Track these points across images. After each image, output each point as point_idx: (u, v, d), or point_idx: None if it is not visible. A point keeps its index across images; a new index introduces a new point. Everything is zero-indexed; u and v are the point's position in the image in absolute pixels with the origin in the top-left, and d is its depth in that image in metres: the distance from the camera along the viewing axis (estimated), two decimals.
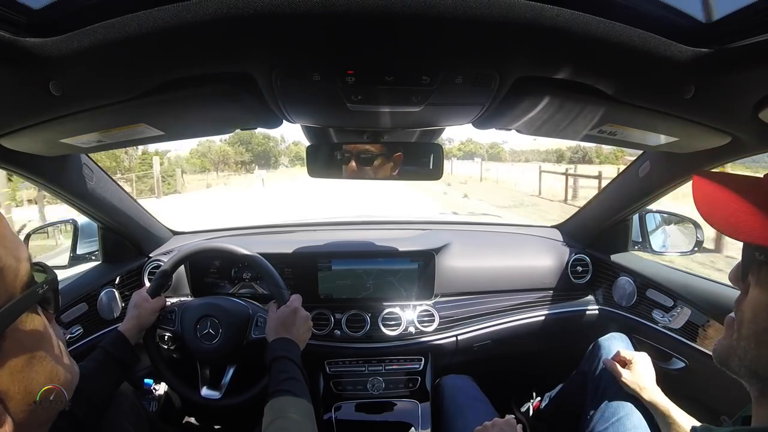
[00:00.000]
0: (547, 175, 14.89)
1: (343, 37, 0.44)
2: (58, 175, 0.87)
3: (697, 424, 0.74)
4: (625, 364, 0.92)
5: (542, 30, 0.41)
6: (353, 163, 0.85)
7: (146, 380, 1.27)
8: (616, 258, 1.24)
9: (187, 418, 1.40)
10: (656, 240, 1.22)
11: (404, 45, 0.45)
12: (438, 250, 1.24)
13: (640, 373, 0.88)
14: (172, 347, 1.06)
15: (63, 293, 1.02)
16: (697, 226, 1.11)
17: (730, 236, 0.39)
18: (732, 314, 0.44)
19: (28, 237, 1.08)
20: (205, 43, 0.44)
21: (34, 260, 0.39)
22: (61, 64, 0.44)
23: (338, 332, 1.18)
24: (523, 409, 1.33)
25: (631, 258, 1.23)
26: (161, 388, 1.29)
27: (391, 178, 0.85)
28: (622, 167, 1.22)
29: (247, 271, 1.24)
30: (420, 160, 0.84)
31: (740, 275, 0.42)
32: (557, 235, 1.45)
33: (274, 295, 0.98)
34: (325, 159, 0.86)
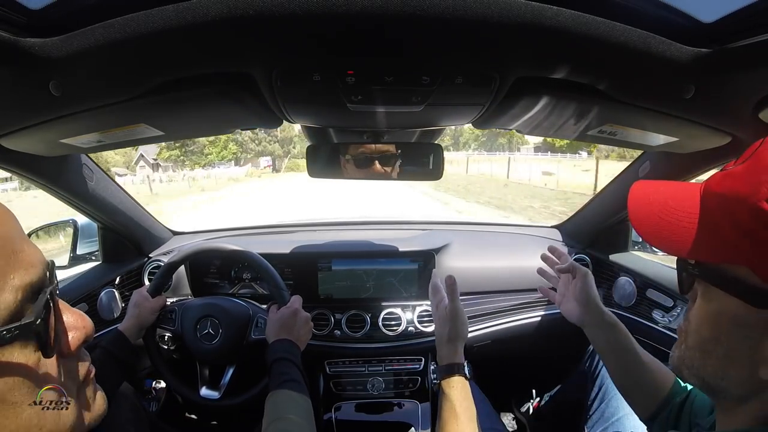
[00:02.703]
0: None
1: (343, 37, 0.43)
2: (58, 175, 0.87)
3: None
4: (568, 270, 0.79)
5: (542, 30, 0.41)
6: (353, 164, 0.85)
7: (147, 380, 1.28)
8: (615, 258, 1.24)
9: (188, 416, 1.40)
10: None
11: (404, 45, 0.45)
12: (438, 250, 1.24)
13: (590, 283, 0.74)
14: (172, 347, 1.06)
15: (63, 293, 1.02)
16: None
17: (661, 250, 0.38)
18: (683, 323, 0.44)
19: (28, 237, 1.08)
20: (205, 43, 0.44)
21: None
22: (61, 64, 0.44)
23: (338, 332, 1.18)
24: (523, 409, 1.33)
25: (631, 258, 1.23)
26: (162, 388, 1.29)
27: (390, 178, 0.85)
28: None
29: (247, 272, 1.24)
30: (420, 161, 0.84)
31: (683, 287, 0.41)
32: (557, 235, 1.45)
33: (274, 296, 0.98)
34: (325, 159, 0.86)
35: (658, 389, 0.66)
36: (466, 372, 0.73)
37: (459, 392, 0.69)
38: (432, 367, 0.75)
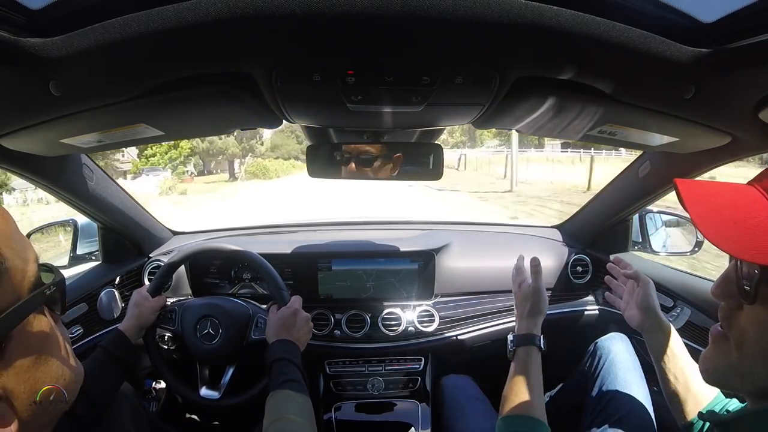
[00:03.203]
0: None
1: (343, 37, 0.43)
2: (58, 175, 0.87)
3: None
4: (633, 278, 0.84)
5: (542, 30, 0.41)
6: (353, 164, 0.85)
7: (147, 380, 1.28)
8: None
9: (188, 416, 1.40)
10: (656, 240, 1.22)
11: (404, 45, 0.45)
12: (438, 250, 1.24)
13: (650, 292, 0.80)
14: (172, 347, 1.06)
15: None
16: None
17: (744, 259, 0.35)
18: (719, 327, 0.42)
19: (28, 236, 1.08)
20: (205, 43, 0.44)
21: (41, 261, 0.39)
22: (61, 64, 0.44)
23: (338, 332, 1.18)
24: None
25: (631, 258, 1.23)
26: (162, 388, 1.29)
27: (390, 178, 0.85)
28: None
29: (247, 272, 1.24)
30: (420, 161, 0.84)
31: (741, 291, 0.38)
32: (557, 235, 1.45)
33: (274, 296, 0.98)
34: (324, 159, 0.86)
35: (704, 397, 0.69)
36: (541, 344, 0.81)
37: (532, 359, 0.78)
38: (510, 338, 0.83)
